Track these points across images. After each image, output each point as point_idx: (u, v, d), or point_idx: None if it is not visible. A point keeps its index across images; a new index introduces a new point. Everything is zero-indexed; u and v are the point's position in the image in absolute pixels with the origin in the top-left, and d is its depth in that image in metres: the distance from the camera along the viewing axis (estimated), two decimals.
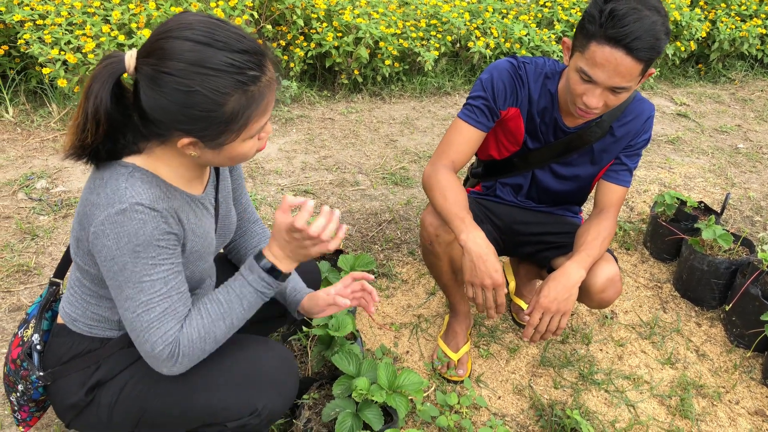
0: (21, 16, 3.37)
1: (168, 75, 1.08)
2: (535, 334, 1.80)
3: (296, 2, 4.09)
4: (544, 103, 1.92)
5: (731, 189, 3.69)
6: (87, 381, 1.38)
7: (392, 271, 2.69)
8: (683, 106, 5.00)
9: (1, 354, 2.03)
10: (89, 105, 1.14)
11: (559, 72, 1.90)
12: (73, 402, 1.39)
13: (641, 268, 2.90)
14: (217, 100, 1.10)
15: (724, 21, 5.51)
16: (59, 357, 1.41)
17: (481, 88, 1.90)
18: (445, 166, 1.89)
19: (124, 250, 1.16)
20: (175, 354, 1.23)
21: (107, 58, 1.16)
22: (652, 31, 1.53)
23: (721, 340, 2.49)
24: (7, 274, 2.39)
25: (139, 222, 1.16)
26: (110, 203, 1.16)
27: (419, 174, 3.53)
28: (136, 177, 1.20)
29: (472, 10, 4.95)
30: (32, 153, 3.26)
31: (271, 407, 1.37)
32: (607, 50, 1.56)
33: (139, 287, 1.19)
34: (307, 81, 4.50)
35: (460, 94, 4.76)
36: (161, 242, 1.20)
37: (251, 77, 1.12)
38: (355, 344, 1.88)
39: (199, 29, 1.09)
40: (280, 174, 3.36)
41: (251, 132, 1.20)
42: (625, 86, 1.62)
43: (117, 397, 1.38)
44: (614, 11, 1.53)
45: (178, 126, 1.14)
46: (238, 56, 1.10)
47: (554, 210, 2.21)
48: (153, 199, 1.19)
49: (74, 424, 1.44)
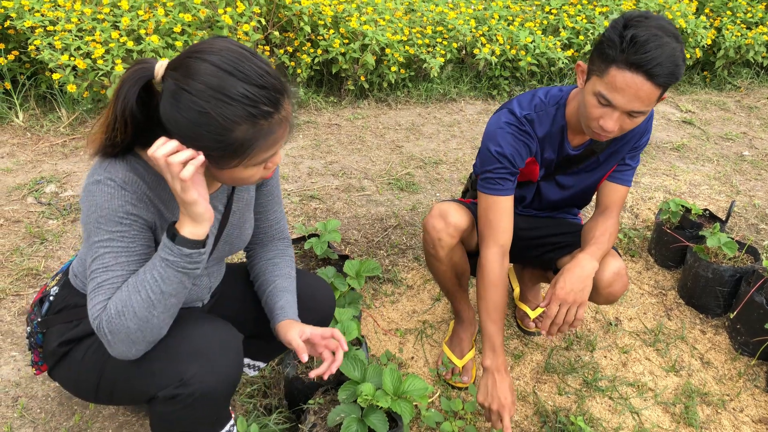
0: (32, 22, 3.41)
1: (186, 92, 1.13)
2: (552, 326, 1.81)
3: (303, 9, 4.12)
4: (556, 140, 1.93)
5: (736, 196, 3.69)
6: (65, 333, 1.48)
7: (397, 276, 2.70)
8: (688, 113, 5.01)
9: (9, 357, 2.05)
10: (118, 105, 1.21)
11: (565, 94, 1.90)
12: (50, 350, 1.50)
13: (646, 275, 2.90)
14: (226, 126, 1.14)
15: (729, 28, 5.52)
16: (55, 307, 1.53)
17: (496, 160, 1.88)
18: (495, 254, 1.90)
19: (91, 218, 1.25)
20: (100, 328, 1.25)
21: (140, 62, 1.22)
22: (672, 58, 1.54)
23: (725, 348, 2.49)
24: (17, 277, 2.41)
25: (107, 195, 1.24)
26: (91, 175, 1.27)
27: (425, 180, 3.55)
28: (126, 160, 1.27)
29: (478, 17, 4.98)
30: (42, 157, 3.29)
31: (200, 379, 1.33)
32: (627, 75, 1.56)
33: (94, 254, 1.27)
34: (314, 87, 4.53)
35: (465, 101, 4.78)
36: (124, 220, 1.26)
37: (264, 112, 1.16)
38: (360, 350, 1.89)
39: (226, 57, 1.14)
40: (287, 179, 3.38)
41: (255, 161, 1.23)
42: (642, 111, 1.62)
43: (83, 355, 1.45)
44: (635, 37, 1.53)
45: (186, 141, 1.18)
46: (255, 90, 1.14)
47: (555, 214, 2.22)
48: (126, 180, 1.26)
49: (53, 373, 1.54)
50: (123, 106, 1.20)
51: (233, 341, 1.41)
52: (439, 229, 1.99)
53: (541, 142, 1.92)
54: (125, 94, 1.20)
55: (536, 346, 2.41)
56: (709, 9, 5.86)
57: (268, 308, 1.61)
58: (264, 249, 1.71)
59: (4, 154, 3.29)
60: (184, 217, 1.25)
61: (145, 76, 1.20)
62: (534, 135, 1.90)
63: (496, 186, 1.89)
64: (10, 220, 2.77)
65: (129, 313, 1.24)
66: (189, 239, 1.24)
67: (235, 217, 1.53)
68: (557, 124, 1.90)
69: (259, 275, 1.68)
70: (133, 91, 1.20)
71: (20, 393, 1.92)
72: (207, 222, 1.26)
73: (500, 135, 1.87)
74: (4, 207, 2.85)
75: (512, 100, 1.93)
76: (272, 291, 1.61)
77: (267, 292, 1.62)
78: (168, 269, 1.25)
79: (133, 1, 3.66)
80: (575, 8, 5.23)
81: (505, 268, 1.93)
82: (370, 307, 2.51)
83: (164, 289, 1.25)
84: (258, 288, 1.67)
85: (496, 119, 1.90)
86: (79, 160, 3.30)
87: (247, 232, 1.59)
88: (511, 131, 1.87)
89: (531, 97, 1.91)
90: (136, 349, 1.28)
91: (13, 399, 1.90)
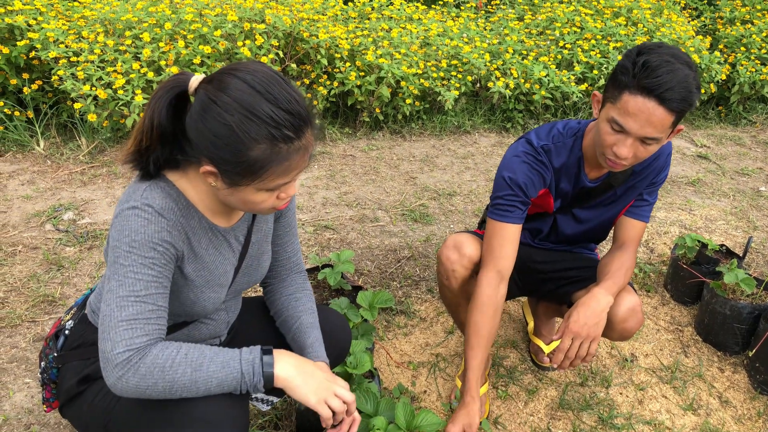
0: (56, 53, 3.50)
1: (215, 104, 1.17)
2: (564, 360, 1.79)
3: (321, 42, 4.19)
4: (570, 167, 1.93)
5: (753, 232, 3.66)
6: (82, 371, 1.45)
7: (411, 308, 2.69)
8: (703, 147, 5.00)
9: (23, 384, 2.06)
10: (148, 111, 1.25)
11: (582, 128, 1.91)
12: (66, 387, 1.47)
13: (662, 311, 2.87)
14: (245, 142, 1.16)
15: (744, 64, 5.53)
16: (71, 343, 1.50)
17: (508, 188, 1.88)
18: (493, 279, 1.90)
19: (122, 243, 1.23)
20: (131, 362, 1.20)
21: (177, 75, 1.26)
22: (684, 83, 1.55)
23: (744, 387, 2.44)
24: (33, 304, 2.43)
25: (144, 221, 1.24)
26: (126, 200, 1.26)
27: (439, 211, 3.55)
28: (159, 186, 1.28)
29: (493, 51, 5.03)
30: (61, 185, 3.34)
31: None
32: (639, 100, 1.57)
33: (122, 281, 1.23)
34: (329, 118, 4.58)
35: (479, 133, 4.81)
36: (158, 247, 1.25)
37: (285, 136, 1.18)
38: (372, 383, 1.88)
39: (259, 78, 1.17)
40: (302, 209, 3.40)
41: (267, 185, 1.24)
42: (655, 137, 1.62)
43: (94, 397, 1.42)
44: (647, 62, 1.56)
45: (205, 152, 1.20)
46: (281, 113, 1.17)
47: (571, 248, 2.21)
48: (164, 207, 1.26)
49: (65, 411, 1.51)
50: (152, 111, 1.24)
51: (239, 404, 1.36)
52: (453, 260, 1.99)
53: (556, 173, 1.92)
54: (157, 101, 1.24)
55: (551, 381, 2.38)
56: (723, 45, 5.88)
57: (297, 345, 1.59)
58: (283, 284, 1.70)
59: (25, 181, 3.34)
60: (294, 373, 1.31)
61: (179, 86, 1.24)
62: (550, 165, 1.90)
63: (505, 213, 1.89)
64: (28, 246, 2.80)
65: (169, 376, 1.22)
66: (272, 377, 1.29)
67: (254, 249, 1.53)
68: (574, 156, 1.91)
69: (281, 311, 1.67)
70: (165, 99, 1.24)
71: (33, 420, 1.92)
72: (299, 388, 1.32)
73: (515, 163, 1.88)
74: (23, 233, 2.88)
75: (531, 132, 1.95)
76: (299, 328, 1.60)
77: (294, 328, 1.61)
78: (233, 380, 1.26)
79: (154, 34, 3.75)
80: (589, 43, 5.28)
81: (500, 296, 1.90)
82: (383, 339, 2.50)
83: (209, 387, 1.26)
84: (282, 323, 1.66)
85: (514, 148, 1.92)
86: (98, 188, 3.34)
87: (265, 264, 1.59)
88: (526, 160, 1.88)
89: (549, 129, 1.93)
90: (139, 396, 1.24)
91: (26, 426, 1.90)
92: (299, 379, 1.32)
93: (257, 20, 4.06)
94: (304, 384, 1.32)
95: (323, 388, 1.35)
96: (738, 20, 6.29)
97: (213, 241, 1.40)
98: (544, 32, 5.63)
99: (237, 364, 1.26)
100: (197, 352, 1.25)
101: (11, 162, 3.52)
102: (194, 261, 1.36)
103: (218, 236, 1.41)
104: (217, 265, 1.42)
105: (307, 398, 1.33)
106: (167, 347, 1.24)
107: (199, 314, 1.45)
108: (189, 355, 1.24)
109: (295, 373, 1.32)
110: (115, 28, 3.84)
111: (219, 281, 1.44)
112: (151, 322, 1.24)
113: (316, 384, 1.34)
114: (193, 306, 1.41)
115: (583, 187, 1.96)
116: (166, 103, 1.24)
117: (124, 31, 3.80)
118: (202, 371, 1.24)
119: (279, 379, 1.30)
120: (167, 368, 1.21)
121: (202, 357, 1.25)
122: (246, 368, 1.27)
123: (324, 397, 1.35)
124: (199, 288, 1.39)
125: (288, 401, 2.10)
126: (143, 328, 1.22)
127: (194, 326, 1.50)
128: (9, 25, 3.61)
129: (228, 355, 1.27)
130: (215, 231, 1.40)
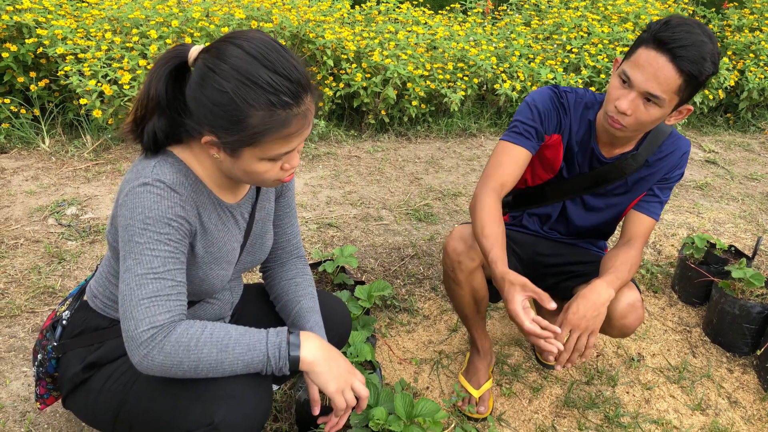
0: (63, 50, 3.51)
1: (212, 72, 1.16)
2: (563, 353, 1.73)
3: (327, 44, 4.19)
4: (582, 132, 1.93)
5: (763, 234, 3.61)
6: (87, 357, 1.42)
7: (414, 306, 2.66)
8: (712, 153, 4.96)
9: (20, 372, 2.03)
10: (147, 81, 1.24)
11: (598, 102, 1.91)
12: (70, 375, 1.43)
13: (669, 312, 2.82)
14: (243, 109, 1.15)
15: (752, 71, 5.50)
16: (72, 330, 1.47)
17: (528, 111, 1.90)
18: (493, 190, 1.84)
19: (136, 220, 1.21)
20: (156, 340, 1.18)
21: (177, 46, 1.25)
22: (699, 46, 1.59)
23: (754, 387, 2.39)
24: (33, 295, 2.42)
25: (156, 197, 1.22)
26: (136, 177, 1.24)
27: (443, 211, 3.52)
28: (168, 162, 1.27)
29: (499, 54, 5.02)
30: (65, 181, 3.34)
31: (231, 423, 1.29)
32: (651, 53, 1.62)
33: (139, 259, 1.21)
34: (335, 120, 4.57)
35: (485, 136, 4.78)
36: (172, 222, 1.23)
37: (283, 102, 1.17)
38: (373, 374, 1.85)
39: (256, 45, 1.16)
40: (305, 207, 3.38)
41: (267, 153, 1.22)
42: (658, 95, 1.63)
43: (104, 383, 1.40)
44: (670, 21, 1.62)
45: (205, 121, 1.19)
46: (279, 79, 1.16)
47: (579, 242, 2.18)
48: (175, 182, 1.25)
49: (68, 401, 1.47)
50: (149, 80, 1.23)
51: (263, 382, 1.36)
52: (459, 251, 1.95)
53: (571, 124, 1.93)
54: (156, 70, 1.23)
55: (555, 379, 2.33)
56: (732, 51, 5.85)
57: (296, 329, 1.56)
58: (283, 268, 1.69)
59: (29, 177, 3.34)
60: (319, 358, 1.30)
61: (178, 57, 1.23)
62: (569, 111, 1.92)
63: (519, 136, 1.89)
64: (30, 239, 2.79)
65: (194, 355, 1.20)
66: (298, 360, 1.28)
67: (258, 227, 1.53)
68: (587, 118, 1.93)
69: (281, 295, 1.65)
70: (164, 69, 1.23)
71: (28, 408, 1.90)
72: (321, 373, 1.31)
73: (539, 94, 1.92)
74: (25, 227, 2.87)
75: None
76: (299, 311, 1.59)
77: (293, 312, 1.60)
78: (259, 361, 1.25)
79: (161, 32, 3.75)
80: (596, 48, 5.26)
81: (499, 208, 1.82)
82: (386, 335, 2.47)
83: (234, 367, 1.24)
84: (282, 308, 1.65)
85: (539, 89, 1.95)
86: (101, 185, 3.34)
87: (268, 243, 1.58)
88: (550, 96, 1.91)
89: (571, 88, 1.96)
90: (164, 375, 1.22)
91: (21, 414, 1.88)
92: (324, 365, 1.30)
93: (264, 19, 4.07)
94: (328, 370, 1.31)
95: (344, 379, 1.33)
96: (746, 27, 6.25)
97: (221, 217, 1.39)
98: (551, 37, 5.61)
99: (263, 347, 1.25)
100: (222, 332, 1.24)
101: (16, 158, 3.52)
102: (204, 237, 1.35)
103: (225, 212, 1.40)
104: (225, 242, 1.40)
105: (326, 385, 1.31)
106: (192, 326, 1.22)
107: (207, 292, 1.43)
108: (214, 335, 1.22)
109: (321, 358, 1.30)
110: (122, 26, 3.85)
111: (227, 258, 1.42)
112: (172, 298, 1.22)
113: (338, 372, 1.32)
114: (201, 284, 1.39)
115: (597, 159, 1.94)
116: (165, 73, 1.23)
117: (132, 29, 3.81)
118: (227, 352, 1.22)
119: (305, 362, 1.28)
120: (192, 347, 1.20)
121: (227, 338, 1.23)
122: (272, 352, 1.25)
123: (343, 387, 1.33)
124: (207, 265, 1.37)
125: (287, 393, 2.06)
126: (165, 304, 1.20)
127: (200, 306, 1.48)
128: (17, 23, 3.62)
129: (254, 337, 1.25)
130: (223, 206, 1.39)
